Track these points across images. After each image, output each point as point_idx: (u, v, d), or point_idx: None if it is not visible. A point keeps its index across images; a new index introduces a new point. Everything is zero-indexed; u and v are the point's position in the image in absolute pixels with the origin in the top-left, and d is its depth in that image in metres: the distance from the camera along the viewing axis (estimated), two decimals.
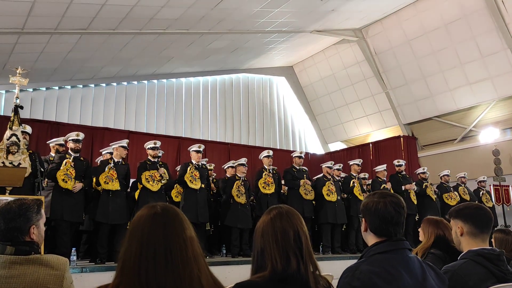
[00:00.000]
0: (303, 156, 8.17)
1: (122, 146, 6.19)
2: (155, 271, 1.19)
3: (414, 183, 8.50)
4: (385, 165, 8.77)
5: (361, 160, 8.78)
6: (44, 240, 4.69)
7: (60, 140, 6.44)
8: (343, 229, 7.99)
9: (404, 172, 8.71)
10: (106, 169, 5.91)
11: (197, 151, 6.93)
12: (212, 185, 7.75)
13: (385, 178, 8.50)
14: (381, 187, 8.10)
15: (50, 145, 6.57)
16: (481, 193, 9.13)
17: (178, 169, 7.64)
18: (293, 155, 8.14)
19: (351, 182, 8.09)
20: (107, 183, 5.83)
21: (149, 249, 1.21)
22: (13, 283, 1.62)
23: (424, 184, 8.59)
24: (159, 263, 1.20)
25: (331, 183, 7.79)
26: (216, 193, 7.86)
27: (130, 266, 1.20)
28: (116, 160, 6.11)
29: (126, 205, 6.06)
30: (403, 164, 8.81)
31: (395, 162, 8.84)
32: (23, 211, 1.83)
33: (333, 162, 8.34)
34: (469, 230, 2.16)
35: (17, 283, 1.62)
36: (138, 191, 6.46)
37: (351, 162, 8.60)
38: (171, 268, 1.21)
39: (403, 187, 8.27)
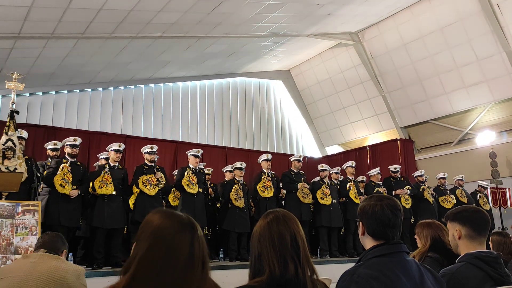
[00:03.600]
0: (302, 160, 8.16)
1: (114, 150, 6.16)
2: (172, 277, 1.22)
3: (408, 186, 8.48)
4: (378, 168, 8.77)
5: (354, 162, 8.76)
6: None
7: (51, 144, 6.39)
8: (341, 233, 7.97)
9: (399, 176, 8.70)
10: (102, 173, 5.89)
11: (195, 156, 6.92)
12: (210, 189, 7.74)
13: (379, 182, 8.49)
14: (374, 191, 8.10)
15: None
16: (478, 195, 9.15)
17: (175, 173, 7.63)
18: (292, 159, 8.13)
19: (347, 186, 8.09)
20: (101, 187, 5.81)
21: (174, 256, 1.24)
22: (41, 262, 2.10)
23: (422, 187, 8.60)
24: (180, 271, 1.23)
25: (325, 187, 7.78)
26: (213, 197, 7.84)
27: (150, 270, 1.22)
28: (112, 164, 6.09)
29: (122, 210, 6.03)
30: (398, 169, 8.80)
31: (390, 167, 8.86)
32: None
33: (326, 167, 8.30)
34: (467, 233, 2.16)
35: (43, 265, 2.10)
36: (133, 196, 6.42)
37: (344, 166, 8.59)
38: (188, 275, 1.24)
39: (393, 192, 8.26)
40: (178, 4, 7.88)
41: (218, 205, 7.79)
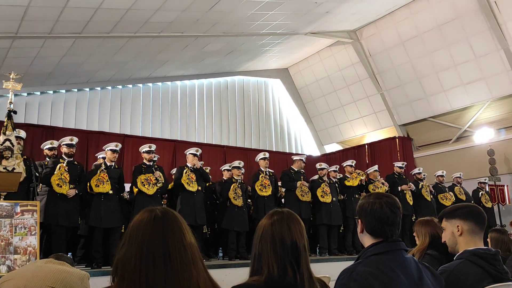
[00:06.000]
0: (305, 162, 8.16)
1: (110, 150, 6.15)
2: (154, 275, 1.21)
3: (411, 182, 8.50)
4: (376, 166, 8.75)
5: (354, 161, 8.75)
6: (40, 245, 4.68)
7: (48, 144, 6.37)
8: (340, 230, 7.98)
9: (401, 173, 8.72)
10: (98, 172, 5.89)
11: (194, 154, 6.92)
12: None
13: (377, 179, 8.45)
14: (372, 187, 8.16)
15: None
16: (480, 193, 9.14)
17: (173, 172, 7.63)
18: (297, 158, 8.10)
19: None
20: (98, 186, 5.80)
21: (149, 253, 1.22)
22: (47, 266, 2.16)
23: (421, 184, 8.60)
24: (158, 267, 1.22)
25: (325, 185, 7.79)
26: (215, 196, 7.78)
27: (131, 270, 1.21)
28: (108, 164, 6.08)
29: (119, 209, 6.02)
30: (403, 166, 8.79)
31: (397, 164, 8.84)
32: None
33: (325, 165, 8.30)
34: (470, 228, 2.16)
35: (49, 268, 2.15)
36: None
37: (344, 164, 8.60)
38: (170, 271, 1.22)
39: (399, 188, 8.29)
40: (176, 3, 7.87)
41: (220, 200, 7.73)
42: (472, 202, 8.68)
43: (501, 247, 3.33)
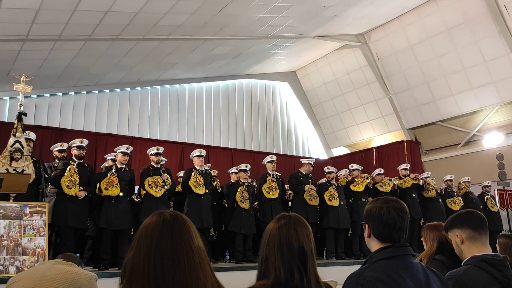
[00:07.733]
0: (314, 166, 8.16)
1: (121, 152, 6.18)
2: (163, 277, 1.22)
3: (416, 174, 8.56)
4: (379, 170, 8.69)
5: (361, 167, 8.70)
6: (49, 245, 4.72)
7: (58, 146, 6.42)
8: (348, 234, 7.95)
9: (407, 175, 8.69)
10: (108, 174, 5.92)
11: (199, 156, 6.94)
12: (220, 189, 7.68)
13: (384, 179, 8.41)
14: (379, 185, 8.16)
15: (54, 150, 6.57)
16: (485, 197, 9.07)
17: (179, 175, 7.65)
18: (305, 161, 8.08)
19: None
20: (107, 189, 5.82)
21: (157, 255, 1.24)
22: (56, 267, 2.23)
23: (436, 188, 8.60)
24: (166, 269, 1.23)
25: (333, 188, 7.78)
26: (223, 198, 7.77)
27: (139, 271, 1.23)
28: (119, 166, 6.12)
29: (129, 211, 6.05)
30: (407, 168, 8.79)
31: (400, 167, 8.82)
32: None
33: (333, 169, 8.27)
34: (468, 235, 2.16)
35: (57, 269, 2.22)
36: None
37: (351, 168, 8.57)
38: (178, 274, 1.24)
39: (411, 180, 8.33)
40: (185, 6, 7.92)
41: (227, 202, 7.74)
42: (481, 207, 8.63)
43: (509, 253, 3.29)
